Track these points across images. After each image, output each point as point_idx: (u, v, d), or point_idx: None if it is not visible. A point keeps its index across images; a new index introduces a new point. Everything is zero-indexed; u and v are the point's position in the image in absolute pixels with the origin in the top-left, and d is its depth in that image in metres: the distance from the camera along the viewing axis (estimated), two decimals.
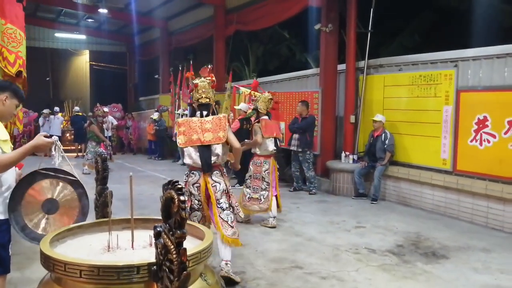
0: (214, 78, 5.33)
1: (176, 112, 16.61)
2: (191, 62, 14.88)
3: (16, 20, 4.82)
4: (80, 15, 22.15)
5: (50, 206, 3.40)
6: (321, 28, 10.92)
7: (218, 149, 4.97)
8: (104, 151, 3.27)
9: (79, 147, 18.63)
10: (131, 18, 19.82)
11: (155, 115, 18.04)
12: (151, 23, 21.57)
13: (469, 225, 7.77)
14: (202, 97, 5.09)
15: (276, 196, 7.57)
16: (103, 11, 19.31)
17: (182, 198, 2.08)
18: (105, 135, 14.61)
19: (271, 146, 7.63)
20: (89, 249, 2.77)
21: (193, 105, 5.22)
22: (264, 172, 7.54)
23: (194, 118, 5.05)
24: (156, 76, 22.34)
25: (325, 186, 10.85)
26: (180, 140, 5.01)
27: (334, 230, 7.34)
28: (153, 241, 2.23)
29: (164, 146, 18.32)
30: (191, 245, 2.51)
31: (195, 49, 20.24)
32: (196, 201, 5.01)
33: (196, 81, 5.21)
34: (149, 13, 19.97)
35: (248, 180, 7.70)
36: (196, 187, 4.97)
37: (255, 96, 11.49)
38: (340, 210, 8.83)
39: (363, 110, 10.46)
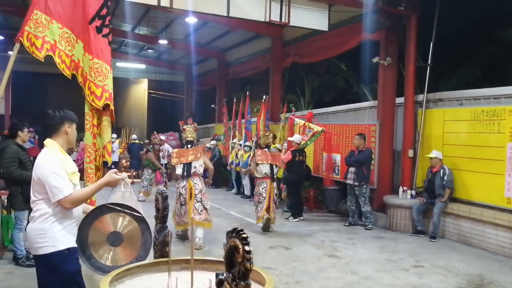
0: (196, 125, 8.92)
1: (231, 141, 16.83)
2: (247, 93, 15.09)
3: (101, 55, 4.98)
4: (140, 46, 22.97)
5: (115, 239, 3.57)
6: (379, 61, 10.88)
7: (196, 165, 8.34)
8: (164, 189, 3.33)
9: (135, 174, 19.07)
10: (190, 49, 20.29)
11: (212, 143, 18.23)
12: (209, 54, 22.05)
13: None
14: (188, 136, 8.60)
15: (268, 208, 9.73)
16: (163, 42, 19.94)
17: (247, 248, 2.04)
18: (161, 162, 14.92)
19: (264, 170, 9.87)
20: None
21: (183, 141, 8.81)
22: (262, 189, 9.85)
23: (184, 148, 8.61)
24: (213, 106, 22.68)
25: (381, 221, 10.65)
26: (174, 161, 8.47)
27: (391, 269, 7.16)
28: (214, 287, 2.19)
29: (218, 175, 18.49)
30: None
31: (252, 80, 20.53)
32: (183, 199, 8.29)
33: (185, 126, 8.70)
34: (207, 44, 20.45)
35: (254, 196, 10.38)
36: (184, 189, 8.30)
37: (309, 128, 11.54)
38: (398, 247, 8.62)
39: (421, 144, 10.27)
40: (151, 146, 14.35)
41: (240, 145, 15.68)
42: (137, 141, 21.04)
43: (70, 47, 4.94)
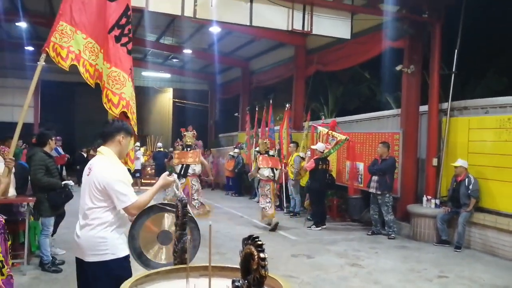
0: (195, 132, 10.76)
1: (254, 150, 16.86)
2: (270, 101, 15.16)
3: (120, 64, 5.03)
4: (165, 55, 23.26)
5: (164, 237, 3.73)
6: (403, 69, 10.83)
7: (195, 168, 10.06)
8: (184, 196, 3.39)
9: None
10: (214, 58, 20.44)
11: (235, 151, 18.34)
12: (232, 63, 22.22)
13: None
14: (187, 141, 10.41)
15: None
16: (187, 51, 20.15)
17: (262, 255, 2.03)
18: None
19: (266, 173, 11.13)
20: None
21: (182, 145, 11.26)
22: (267, 191, 11.14)
23: (184, 151, 10.38)
24: (236, 114, 22.82)
25: (405, 231, 10.54)
26: (175, 161, 10.18)
27: (415, 279, 7.08)
28: None
29: (241, 183, 18.56)
30: None
31: (275, 89, 20.56)
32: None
33: (185, 133, 10.58)
34: (231, 53, 20.60)
35: (260, 197, 11.64)
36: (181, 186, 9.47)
37: (333, 136, 11.50)
38: (421, 257, 8.51)
39: (446, 153, 10.16)
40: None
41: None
42: (162, 149, 21.25)
43: (94, 57, 5.03)
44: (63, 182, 7.24)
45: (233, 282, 2.15)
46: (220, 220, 12.00)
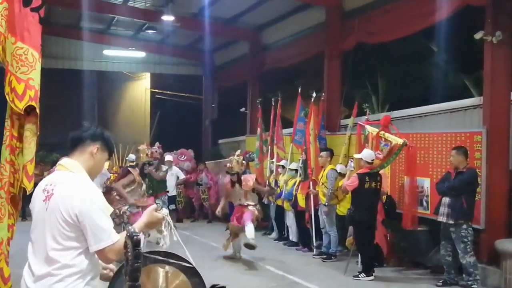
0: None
1: (269, 161, 16.83)
2: (299, 89, 15.13)
3: (28, 37, 5.03)
4: (138, 25, 23.40)
5: None
6: (484, 37, 10.73)
7: None
8: (133, 229, 3.36)
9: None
10: (209, 28, 20.47)
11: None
12: (236, 35, 22.29)
13: None
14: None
15: None
16: (168, 18, 20.12)
17: None
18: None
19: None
20: None
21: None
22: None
23: None
24: (243, 110, 22.70)
25: (493, 279, 10.46)
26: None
27: None
28: None
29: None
30: None
31: (298, 71, 20.52)
32: None
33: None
34: (234, 20, 20.63)
35: None
36: None
37: (386, 140, 11.38)
38: None
39: None
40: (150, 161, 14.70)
41: (282, 166, 15.66)
42: (134, 163, 21.25)
43: None
44: None
45: None
46: (219, 267, 12.04)
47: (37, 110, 5.00)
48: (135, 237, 3.22)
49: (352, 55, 16.21)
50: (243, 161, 13.32)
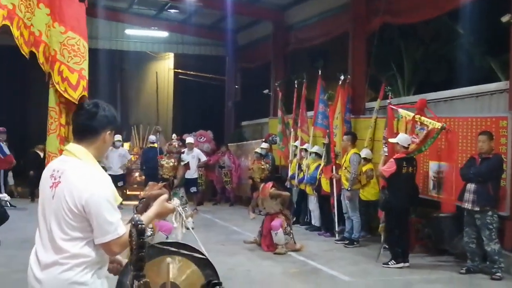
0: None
1: (292, 144, 16.85)
2: (319, 71, 15.11)
3: (77, 26, 5.03)
4: (160, 4, 23.44)
5: None
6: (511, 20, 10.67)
7: None
8: (140, 218, 3.35)
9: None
10: (232, 8, 20.45)
11: (262, 147, 17.81)
12: (260, 14, 22.24)
13: None
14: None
15: None
16: None
17: None
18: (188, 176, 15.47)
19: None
20: None
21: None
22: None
23: None
24: (266, 92, 22.63)
25: None
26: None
27: None
28: None
29: None
30: None
31: (324, 52, 20.46)
32: None
33: None
34: (257, 0, 20.56)
35: None
36: None
37: (421, 124, 11.29)
38: None
39: None
40: (167, 154, 14.48)
41: (305, 150, 15.68)
42: (155, 145, 21.28)
43: (29, 14, 5.04)
44: None
45: None
46: (238, 252, 12.11)
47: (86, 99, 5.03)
48: (139, 226, 3.14)
49: (378, 36, 16.14)
50: (268, 167, 13.33)
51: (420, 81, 16.50)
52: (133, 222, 3.27)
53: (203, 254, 3.78)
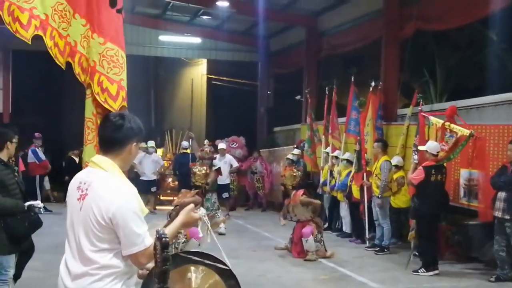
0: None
1: (323, 151, 16.88)
2: (352, 78, 15.13)
3: (116, 37, 5.10)
4: (193, 10, 23.63)
5: None
6: None
7: None
8: (164, 232, 3.42)
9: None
10: (264, 14, 20.50)
11: (294, 153, 17.84)
12: (293, 21, 22.31)
13: None
14: None
15: None
16: (223, 3, 20.28)
17: None
18: (220, 183, 15.46)
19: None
20: None
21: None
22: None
23: None
24: (298, 98, 22.65)
25: None
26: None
27: None
28: None
29: None
30: None
31: (356, 58, 20.47)
32: None
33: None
34: (290, 6, 20.68)
35: None
36: None
37: (451, 131, 11.25)
38: None
39: None
40: (199, 161, 14.53)
41: (336, 157, 15.71)
42: (188, 151, 21.38)
43: (65, 24, 5.10)
44: (27, 204, 7.23)
45: None
46: (269, 259, 12.18)
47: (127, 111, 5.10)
48: (163, 239, 3.24)
49: (410, 42, 16.13)
50: (299, 174, 13.36)
51: (453, 88, 16.44)
52: (157, 236, 3.33)
53: (226, 265, 3.82)
